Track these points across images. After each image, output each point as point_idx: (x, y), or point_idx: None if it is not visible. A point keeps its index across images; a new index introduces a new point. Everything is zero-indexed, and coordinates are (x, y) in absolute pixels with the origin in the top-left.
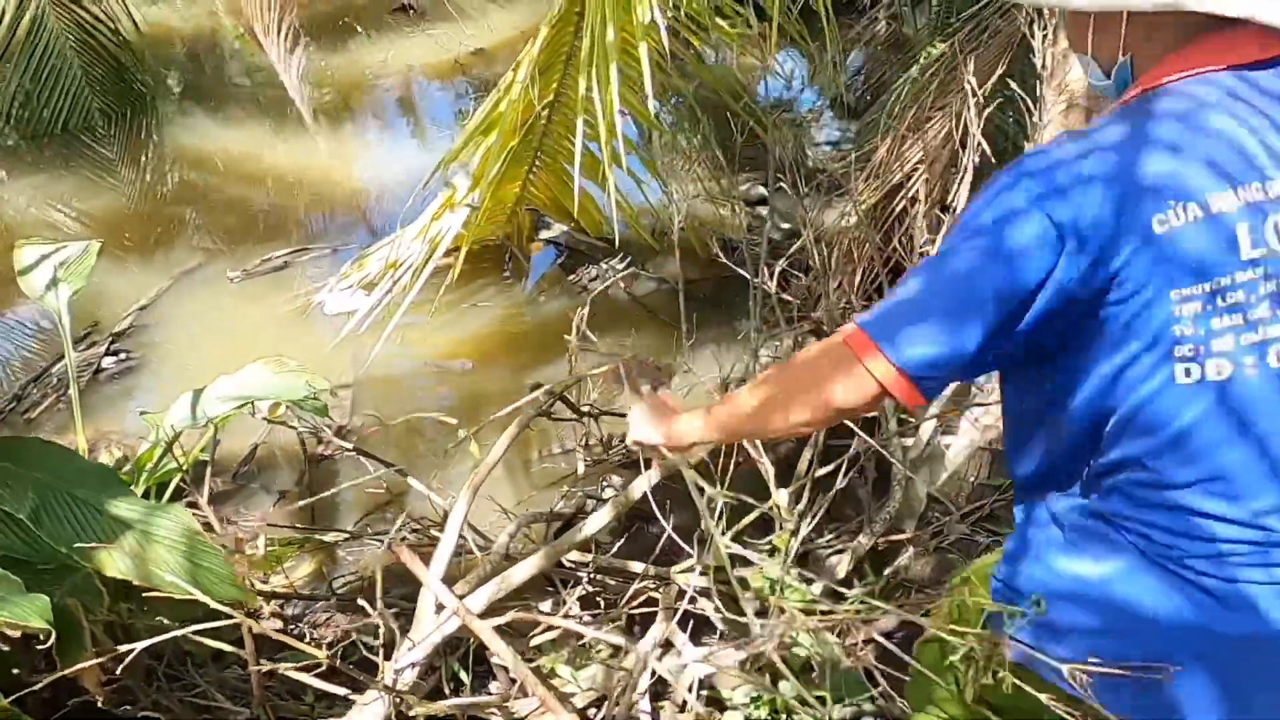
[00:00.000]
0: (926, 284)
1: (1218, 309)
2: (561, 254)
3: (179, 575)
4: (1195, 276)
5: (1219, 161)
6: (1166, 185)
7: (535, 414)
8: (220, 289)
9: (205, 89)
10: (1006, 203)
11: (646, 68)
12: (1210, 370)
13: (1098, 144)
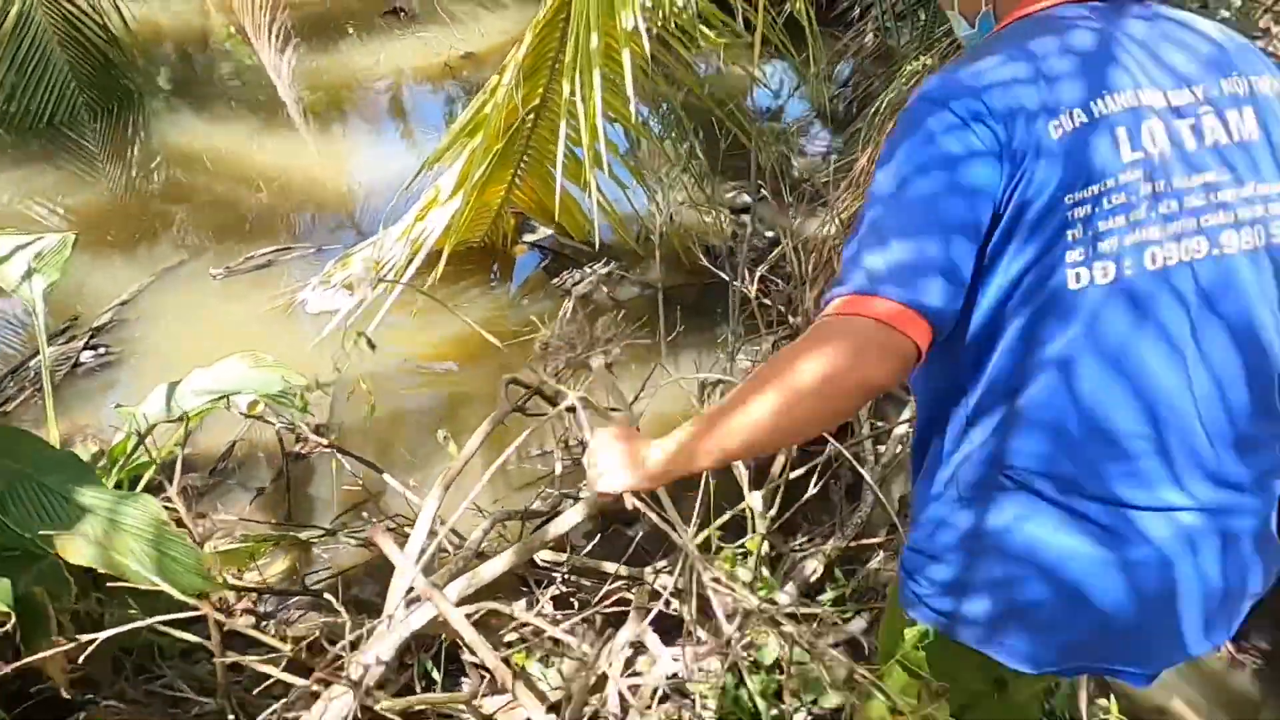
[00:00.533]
0: (896, 222)
1: (1103, 210)
2: (545, 257)
3: (144, 564)
4: (1085, 179)
5: (1095, 71)
6: (1057, 94)
7: (512, 409)
8: (203, 286)
9: (194, 87)
10: (939, 125)
11: (629, 74)
12: (1098, 273)
13: (990, 64)
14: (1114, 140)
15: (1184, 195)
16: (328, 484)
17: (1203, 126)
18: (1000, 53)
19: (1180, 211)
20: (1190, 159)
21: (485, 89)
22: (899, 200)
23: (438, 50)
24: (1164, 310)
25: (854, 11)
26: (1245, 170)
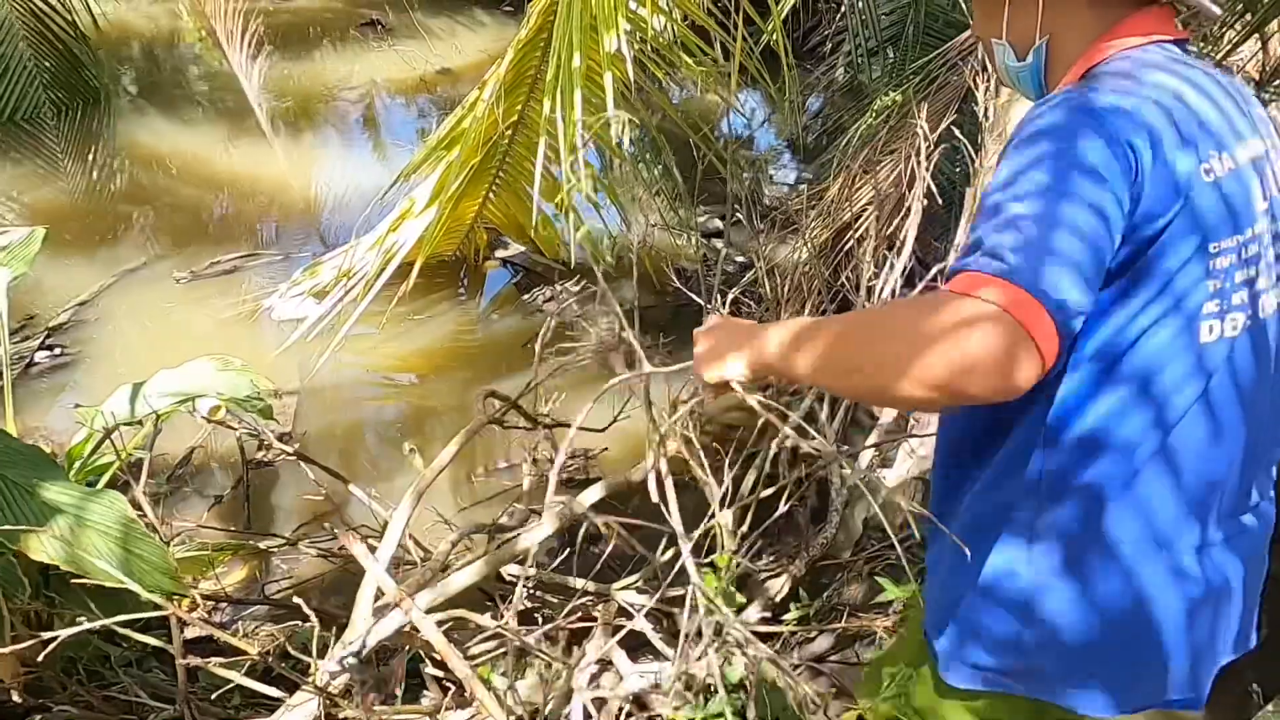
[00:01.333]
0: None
1: (1241, 261)
2: (517, 274)
3: (111, 562)
4: (1231, 228)
5: (1223, 117)
6: (1203, 136)
7: (487, 420)
8: (165, 289)
9: (162, 89)
10: (1098, 137)
11: (610, 96)
12: (1228, 326)
13: (1136, 94)
14: (1250, 189)
15: (1276, 241)
16: (289, 493)
17: (1272, 176)
18: (1136, 85)
19: (1277, 257)
20: (1277, 206)
21: (464, 104)
22: (1053, 203)
23: (414, 65)
24: (1264, 357)
25: (826, 46)
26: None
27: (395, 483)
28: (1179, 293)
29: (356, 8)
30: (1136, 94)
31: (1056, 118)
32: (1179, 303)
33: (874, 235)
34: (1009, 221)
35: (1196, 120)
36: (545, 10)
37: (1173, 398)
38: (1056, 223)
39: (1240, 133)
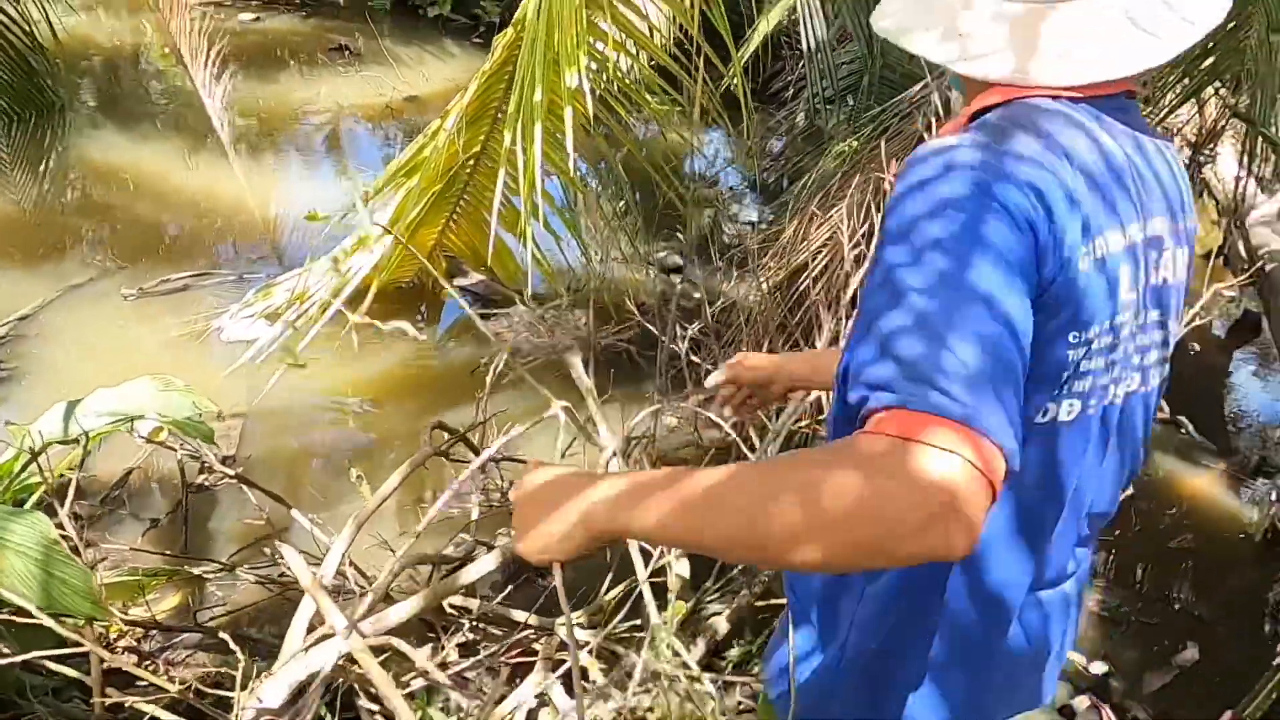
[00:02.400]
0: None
1: (1092, 351)
2: (475, 302)
3: (30, 586)
4: (1089, 319)
5: (1112, 195)
6: (1089, 214)
7: (433, 451)
8: (112, 306)
9: (121, 103)
10: (994, 208)
11: (570, 130)
12: (1063, 410)
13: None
14: (1119, 279)
15: (1145, 331)
16: (229, 518)
17: (1163, 262)
18: (1038, 146)
19: (1135, 352)
20: (1155, 295)
21: (426, 132)
22: (957, 293)
23: (381, 91)
24: (1098, 439)
25: (788, 92)
26: (1174, 309)
27: (340, 510)
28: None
29: (325, 32)
30: (1039, 159)
31: (957, 188)
32: (1032, 390)
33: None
34: (934, 335)
35: (1088, 196)
36: (510, 44)
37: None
38: (989, 338)
39: (1140, 209)
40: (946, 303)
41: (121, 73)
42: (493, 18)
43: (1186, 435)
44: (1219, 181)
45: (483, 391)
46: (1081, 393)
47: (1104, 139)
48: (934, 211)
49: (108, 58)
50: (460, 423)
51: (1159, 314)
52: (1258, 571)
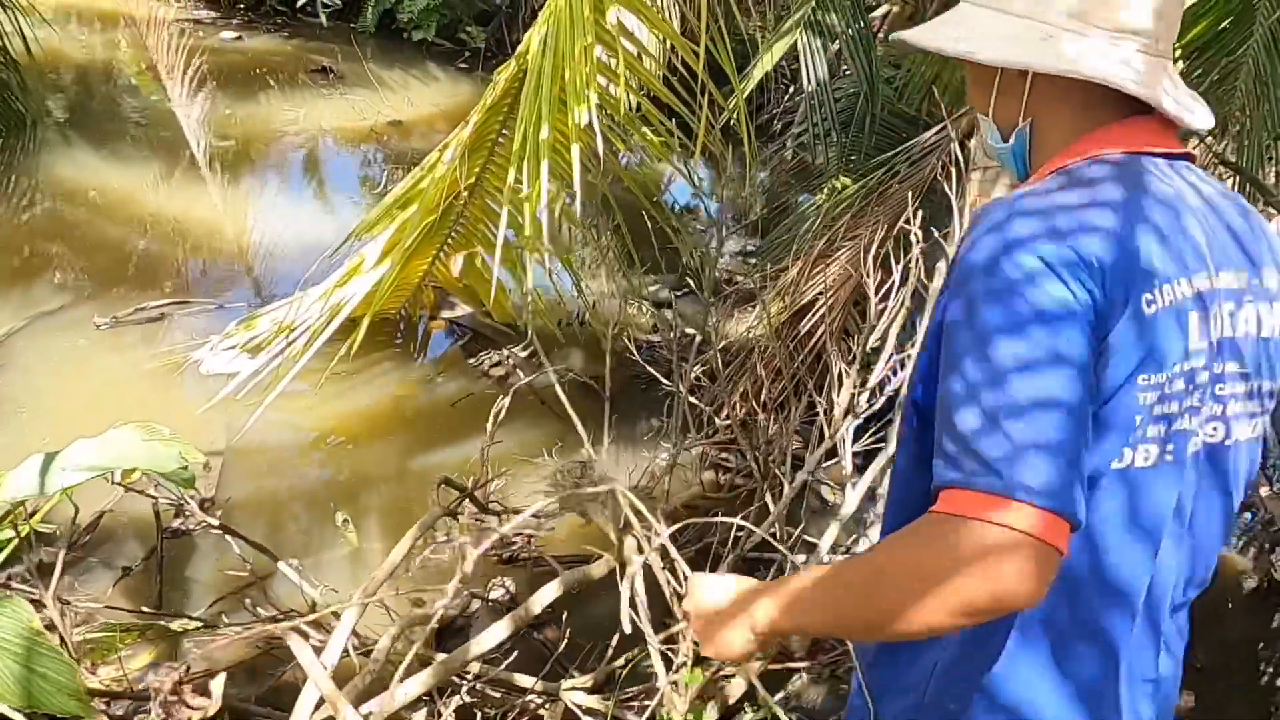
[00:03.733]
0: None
1: (1165, 395)
2: (463, 336)
3: (9, 682)
4: (1159, 364)
5: (1181, 245)
6: (1152, 263)
7: (442, 513)
8: (83, 335)
9: (94, 120)
10: (1041, 285)
11: (577, 168)
12: (1139, 456)
13: (1084, 209)
14: (1188, 325)
15: (1222, 381)
16: (207, 565)
17: (1243, 317)
18: (1090, 197)
19: (1216, 399)
20: (1233, 347)
21: (425, 163)
22: (1016, 383)
23: (364, 114)
24: (1183, 492)
25: (776, 125)
26: (1267, 366)
27: (326, 556)
28: (1109, 420)
29: (307, 53)
30: (1101, 224)
31: (1007, 271)
32: (1107, 430)
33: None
34: (994, 421)
35: (1154, 246)
36: (512, 78)
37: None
38: (1049, 413)
39: (1211, 263)
40: (1012, 385)
41: (95, 89)
42: (478, 43)
43: None
44: None
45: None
46: (1157, 438)
47: (1180, 192)
48: (998, 297)
49: (81, 74)
50: (451, 459)
51: (1238, 366)
52: (1254, 620)
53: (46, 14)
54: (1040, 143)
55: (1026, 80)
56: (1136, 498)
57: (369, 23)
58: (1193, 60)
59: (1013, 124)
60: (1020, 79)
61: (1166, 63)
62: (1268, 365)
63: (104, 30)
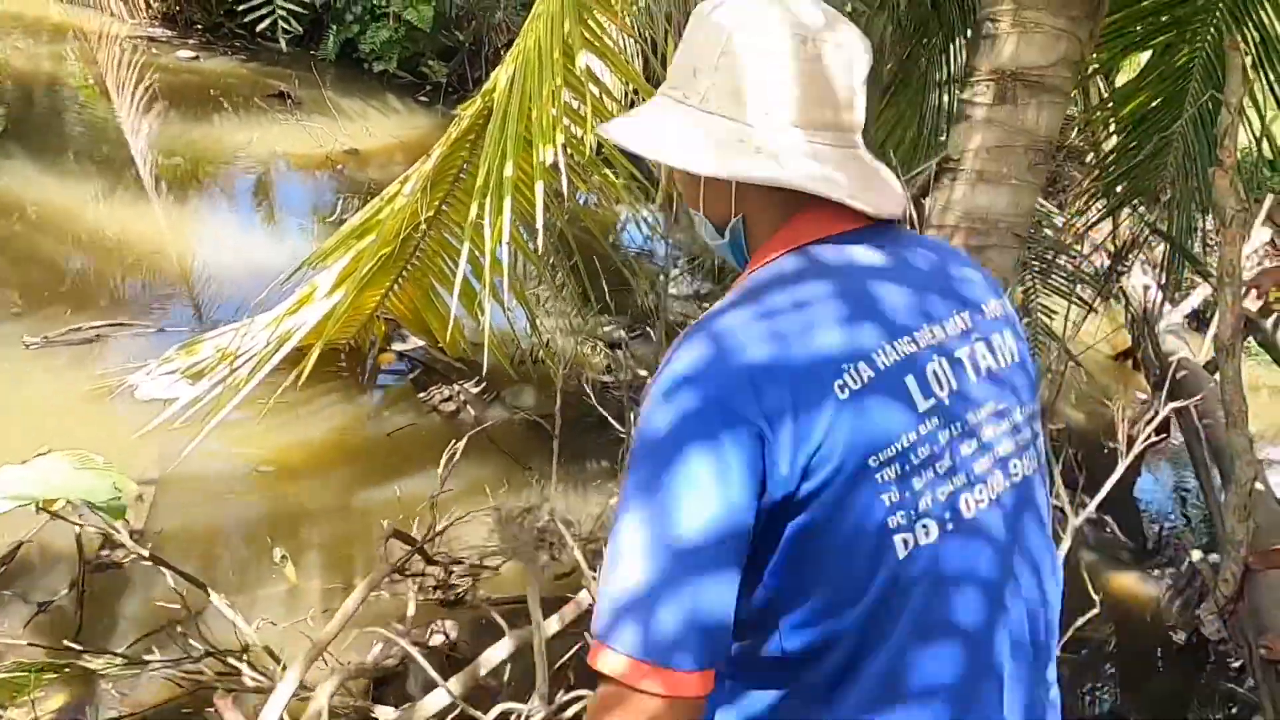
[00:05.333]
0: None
1: (913, 466)
2: (414, 369)
3: None
4: (885, 438)
5: (873, 317)
6: (836, 348)
7: (390, 570)
8: (12, 354)
9: (34, 133)
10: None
11: (540, 206)
12: (920, 534)
13: (755, 325)
14: (906, 390)
15: (978, 431)
16: (133, 601)
17: (977, 356)
18: (770, 309)
19: (979, 450)
20: (974, 393)
21: (384, 194)
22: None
23: (320, 142)
24: (984, 557)
25: None
26: (1014, 395)
27: (262, 592)
28: (854, 517)
29: (265, 77)
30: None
31: (663, 419)
32: (858, 529)
33: None
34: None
35: (838, 332)
36: (476, 114)
37: (889, 626)
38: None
39: (920, 321)
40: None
41: (37, 101)
42: (440, 77)
43: (1110, 534)
44: (1132, 290)
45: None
46: (929, 510)
47: (870, 264)
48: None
49: (25, 85)
50: (393, 496)
51: (994, 405)
52: (1182, 675)
53: None
54: (753, 234)
55: (732, 181)
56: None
57: (330, 51)
58: (1128, 134)
59: (726, 219)
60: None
61: (854, 151)
62: (1015, 392)
63: (51, 42)
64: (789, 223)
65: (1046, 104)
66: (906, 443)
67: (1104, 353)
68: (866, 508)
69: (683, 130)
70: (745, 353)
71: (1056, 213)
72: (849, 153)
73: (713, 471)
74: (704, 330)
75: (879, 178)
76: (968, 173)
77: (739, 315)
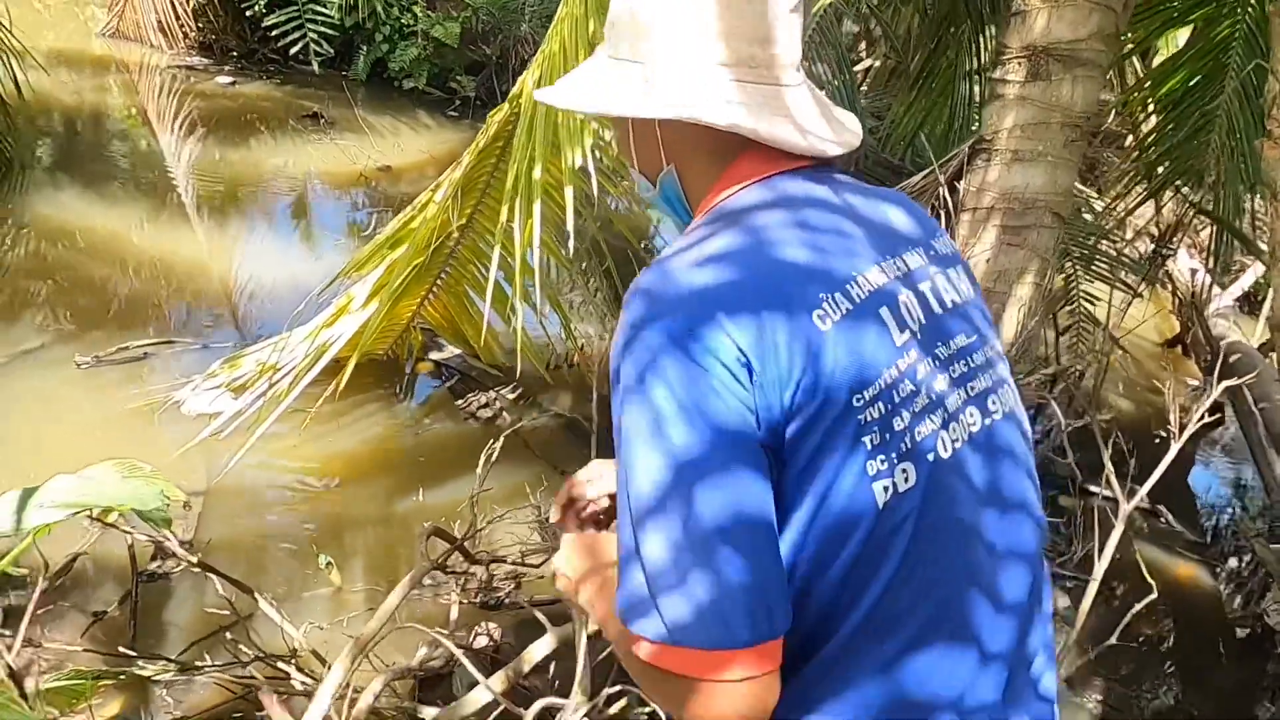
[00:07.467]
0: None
1: (895, 405)
2: (451, 377)
3: None
4: (870, 374)
5: (841, 250)
6: (811, 280)
7: (431, 566)
8: (64, 374)
9: (81, 163)
10: (689, 376)
11: (570, 210)
12: (899, 479)
13: (721, 259)
14: (883, 322)
15: (950, 366)
16: (184, 609)
17: (939, 289)
18: (728, 239)
19: (952, 385)
20: (944, 325)
21: (416, 203)
22: (690, 510)
23: (354, 160)
24: (962, 501)
25: None
26: (979, 330)
27: (308, 597)
28: (838, 459)
29: (298, 99)
30: (721, 257)
31: (643, 359)
32: (839, 472)
33: None
34: (674, 564)
35: (807, 264)
36: (504, 121)
37: (869, 578)
38: (724, 544)
39: (877, 253)
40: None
41: (83, 132)
42: (468, 92)
43: (1167, 525)
44: (1178, 274)
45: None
46: (909, 453)
47: (823, 202)
48: (637, 386)
49: (70, 117)
50: (435, 503)
51: (966, 338)
52: (1246, 665)
53: (39, 59)
54: (690, 186)
55: (655, 127)
56: (921, 520)
57: (360, 71)
58: (1168, 114)
59: (657, 169)
60: (650, 126)
61: (787, 89)
62: (979, 328)
63: (95, 76)
64: (727, 170)
65: (1081, 78)
66: (890, 379)
67: (1153, 340)
68: (849, 452)
69: (599, 81)
70: (711, 284)
71: (1096, 197)
72: (778, 90)
73: (710, 404)
74: (659, 269)
75: (820, 113)
76: (1002, 152)
77: (695, 251)
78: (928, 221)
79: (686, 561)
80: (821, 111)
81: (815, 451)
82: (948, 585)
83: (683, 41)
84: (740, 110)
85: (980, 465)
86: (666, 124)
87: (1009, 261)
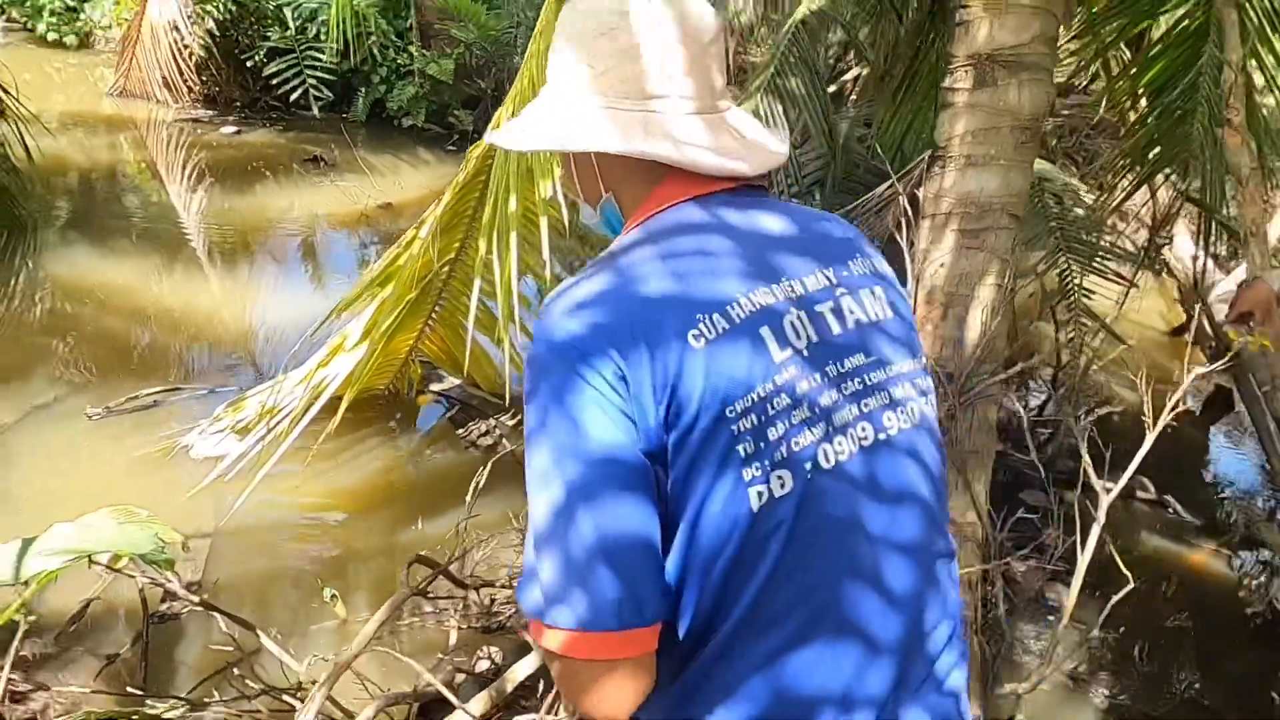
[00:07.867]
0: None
1: (769, 417)
2: (452, 408)
3: None
4: (742, 388)
5: (730, 272)
6: (692, 302)
7: (411, 592)
8: (76, 426)
9: (94, 219)
10: (576, 391)
11: (545, 237)
12: (775, 486)
13: (611, 284)
14: (761, 341)
15: (842, 383)
16: (195, 648)
17: (843, 310)
18: (623, 264)
19: (842, 402)
20: (838, 345)
21: (401, 241)
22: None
23: (355, 199)
24: (844, 508)
25: None
26: (889, 349)
27: (314, 632)
28: (714, 468)
29: (300, 144)
30: (611, 283)
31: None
32: (716, 480)
33: None
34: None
35: (686, 286)
36: (483, 155)
37: (747, 578)
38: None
39: (770, 275)
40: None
41: (96, 189)
42: (466, 126)
43: (1175, 515)
44: (1178, 262)
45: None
46: (784, 461)
47: (728, 225)
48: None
49: (84, 175)
50: (438, 533)
51: (866, 357)
52: (1259, 653)
53: (50, 123)
54: (626, 210)
55: (592, 159)
56: (796, 529)
57: (360, 112)
58: (1152, 101)
59: (598, 197)
60: (587, 158)
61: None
62: (892, 345)
63: (106, 134)
64: (651, 194)
65: (1028, 82)
66: (763, 392)
67: (1158, 330)
68: (724, 460)
69: (544, 113)
70: (602, 309)
71: (1084, 189)
72: (699, 119)
73: (590, 415)
74: (563, 295)
75: (742, 139)
76: (956, 159)
77: (598, 279)
78: (851, 245)
79: (573, 575)
80: (738, 135)
81: (694, 459)
82: (829, 584)
83: (571, 77)
84: (613, 136)
85: (873, 475)
86: (601, 155)
87: (969, 265)
